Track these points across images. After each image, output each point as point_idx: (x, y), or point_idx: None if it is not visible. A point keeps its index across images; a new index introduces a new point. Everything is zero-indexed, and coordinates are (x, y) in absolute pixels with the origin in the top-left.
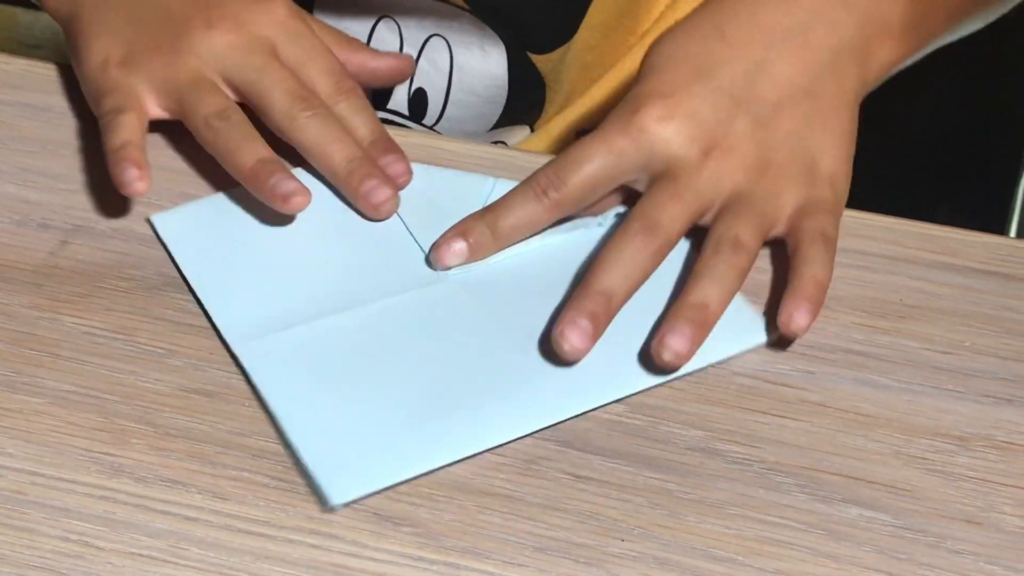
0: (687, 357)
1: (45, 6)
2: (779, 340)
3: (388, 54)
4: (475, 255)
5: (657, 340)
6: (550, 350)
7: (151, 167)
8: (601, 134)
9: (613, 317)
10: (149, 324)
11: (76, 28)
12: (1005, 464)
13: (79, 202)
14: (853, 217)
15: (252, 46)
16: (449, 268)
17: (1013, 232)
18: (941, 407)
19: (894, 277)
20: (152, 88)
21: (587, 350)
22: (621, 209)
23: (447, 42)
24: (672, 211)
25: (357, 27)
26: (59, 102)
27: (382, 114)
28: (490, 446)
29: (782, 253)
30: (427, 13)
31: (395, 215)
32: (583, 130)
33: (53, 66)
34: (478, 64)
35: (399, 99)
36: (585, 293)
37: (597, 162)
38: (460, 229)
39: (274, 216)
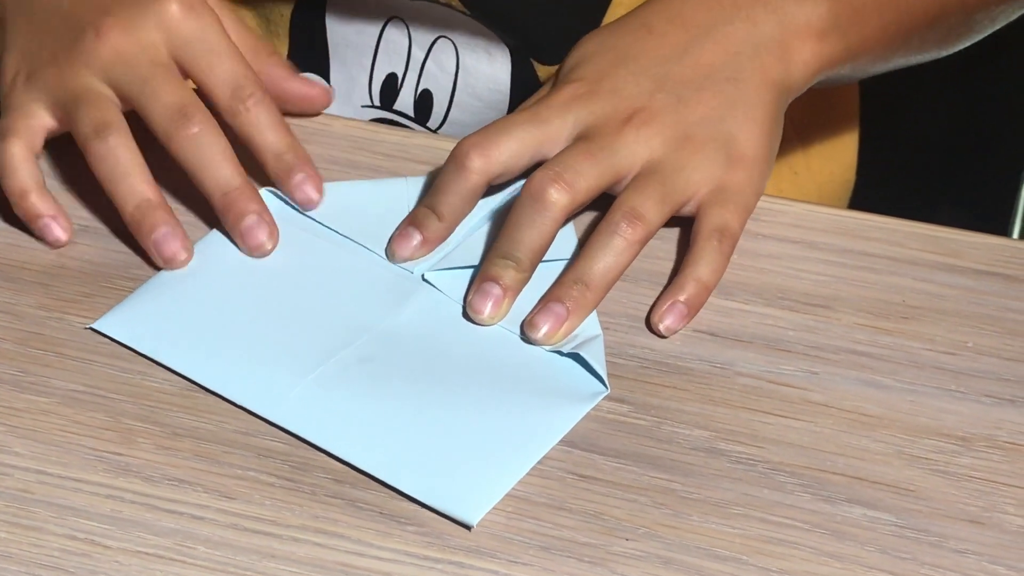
0: (559, 337)
1: None
2: (781, 341)
3: (305, 78)
4: (431, 244)
5: (529, 319)
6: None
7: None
8: (525, 109)
9: (526, 277)
10: None
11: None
12: (1008, 464)
13: (85, 203)
14: (855, 218)
15: (139, 53)
16: (408, 260)
17: (1016, 233)
18: (944, 408)
19: (897, 278)
20: (47, 103)
21: (504, 311)
22: None
23: (454, 44)
24: (582, 166)
25: (367, 27)
26: None
27: (387, 115)
28: (572, 423)
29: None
30: (436, 15)
31: (340, 230)
32: None
33: None
34: (484, 68)
35: (405, 100)
36: (490, 259)
37: (521, 130)
38: (410, 220)
39: (217, 277)
